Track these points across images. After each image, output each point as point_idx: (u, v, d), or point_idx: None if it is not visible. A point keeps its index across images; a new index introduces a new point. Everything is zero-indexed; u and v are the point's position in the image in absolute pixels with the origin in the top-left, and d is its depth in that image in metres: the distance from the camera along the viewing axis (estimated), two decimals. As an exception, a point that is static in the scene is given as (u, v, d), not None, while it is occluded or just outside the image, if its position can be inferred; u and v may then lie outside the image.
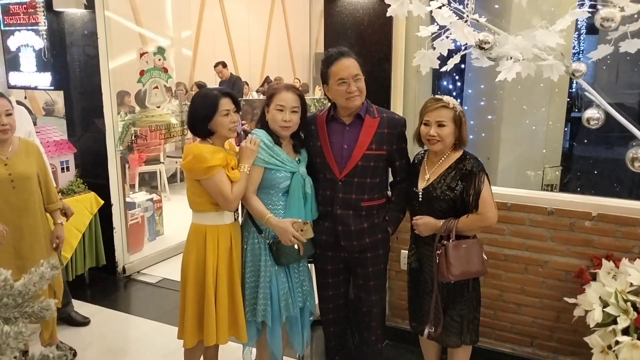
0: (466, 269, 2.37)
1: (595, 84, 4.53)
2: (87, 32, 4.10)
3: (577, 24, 4.83)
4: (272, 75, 11.42)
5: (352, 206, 2.54)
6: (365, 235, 2.57)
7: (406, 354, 3.24)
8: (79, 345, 3.18)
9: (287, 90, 2.48)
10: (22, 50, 4.31)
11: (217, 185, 2.40)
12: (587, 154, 4.60)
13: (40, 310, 0.77)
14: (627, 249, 2.66)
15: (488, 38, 2.29)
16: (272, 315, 2.55)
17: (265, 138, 2.47)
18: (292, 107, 2.44)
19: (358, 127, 2.52)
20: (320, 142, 2.56)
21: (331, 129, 2.56)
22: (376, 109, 2.56)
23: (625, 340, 2.20)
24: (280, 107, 2.43)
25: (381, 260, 2.67)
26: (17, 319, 0.74)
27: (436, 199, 2.40)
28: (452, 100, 2.37)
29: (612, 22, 2.14)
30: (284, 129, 2.46)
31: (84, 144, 4.29)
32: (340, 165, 2.51)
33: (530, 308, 2.95)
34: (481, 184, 2.33)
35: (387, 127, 2.52)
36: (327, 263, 2.70)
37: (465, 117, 2.41)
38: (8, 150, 2.79)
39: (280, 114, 2.44)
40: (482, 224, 2.40)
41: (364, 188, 2.53)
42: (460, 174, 2.36)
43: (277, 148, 2.48)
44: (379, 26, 3.10)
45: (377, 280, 2.68)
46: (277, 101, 2.44)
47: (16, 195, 2.78)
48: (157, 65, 4.39)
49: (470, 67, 3.89)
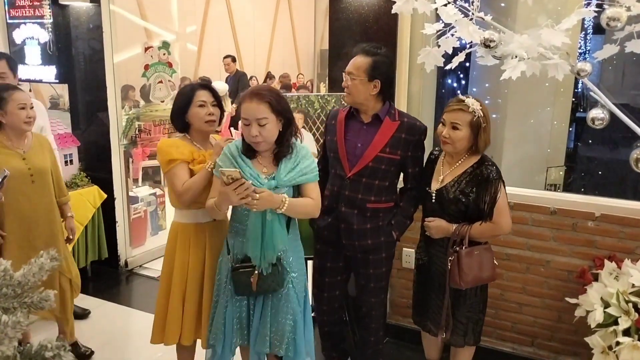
0: (478, 275, 2.34)
1: (601, 84, 4.51)
2: (92, 25, 4.10)
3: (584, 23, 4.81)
4: (277, 71, 11.41)
5: (358, 206, 2.51)
6: (368, 236, 2.53)
7: (407, 351, 3.24)
8: (79, 337, 3.20)
9: (250, 99, 2.10)
10: (28, 43, 4.31)
11: (170, 179, 2.38)
12: (591, 154, 4.58)
13: (39, 300, 0.78)
14: (630, 250, 2.65)
15: (493, 36, 2.27)
16: (223, 343, 2.31)
17: (234, 146, 2.22)
18: (258, 119, 2.08)
19: (376, 128, 2.48)
20: (337, 137, 2.53)
21: (349, 126, 2.54)
22: (398, 112, 2.52)
23: (626, 341, 2.20)
24: (245, 120, 2.10)
25: (383, 263, 2.62)
26: (16, 309, 0.75)
27: (448, 201, 2.35)
28: (474, 104, 2.28)
29: (618, 21, 2.12)
30: (255, 145, 2.14)
31: (87, 137, 4.30)
32: (351, 162, 2.49)
33: (532, 308, 2.95)
34: (497, 192, 2.28)
35: (405, 132, 2.47)
36: (327, 260, 2.67)
37: (488, 124, 2.31)
38: (25, 144, 2.79)
39: (247, 128, 2.11)
40: (495, 233, 2.36)
41: (371, 189, 2.50)
42: (476, 180, 2.30)
43: (244, 159, 2.18)
44: (384, 23, 3.09)
45: (377, 283, 2.64)
46: (243, 113, 2.11)
47: (35, 190, 2.78)
48: (161, 59, 4.39)
49: (475, 65, 3.88)
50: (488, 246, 2.40)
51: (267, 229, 2.12)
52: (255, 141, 2.11)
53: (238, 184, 1.95)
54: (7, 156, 2.70)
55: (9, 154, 2.71)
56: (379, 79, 2.40)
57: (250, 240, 2.15)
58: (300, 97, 3.21)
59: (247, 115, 2.08)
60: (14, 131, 2.72)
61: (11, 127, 2.70)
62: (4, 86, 2.78)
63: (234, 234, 2.25)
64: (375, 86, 2.41)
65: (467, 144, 2.32)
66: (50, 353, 0.70)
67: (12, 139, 2.73)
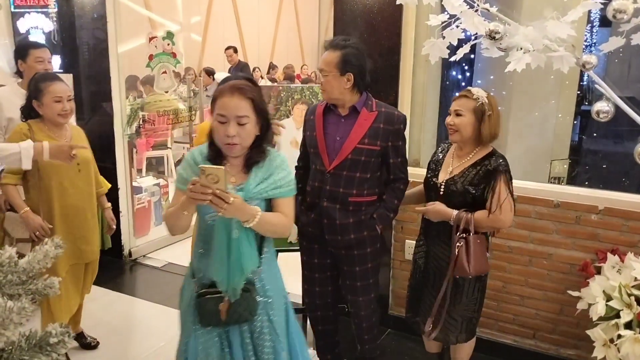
0: (483, 265, 2.32)
1: (607, 77, 4.49)
2: (96, 15, 4.10)
3: (590, 16, 4.77)
4: (281, 62, 11.39)
5: (340, 200, 2.47)
6: (350, 230, 2.49)
7: (408, 342, 3.25)
8: (83, 327, 3.22)
9: (231, 93, 1.82)
10: (32, 33, 4.31)
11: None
12: (595, 148, 4.57)
13: (44, 287, 0.79)
14: (632, 244, 2.65)
15: (498, 28, 2.27)
16: None
17: (198, 151, 1.92)
18: (238, 116, 1.80)
19: (353, 120, 2.45)
20: (316, 132, 2.51)
21: (328, 120, 2.52)
22: (375, 102, 2.49)
23: (627, 334, 2.20)
24: (221, 117, 1.81)
25: (368, 259, 2.56)
26: (21, 296, 0.76)
27: (455, 193, 2.33)
28: (478, 92, 2.28)
29: (625, 14, 2.12)
30: (229, 148, 1.83)
31: (92, 127, 4.30)
32: (330, 156, 2.46)
33: (534, 300, 2.95)
34: (500, 184, 2.25)
35: (383, 122, 2.44)
36: (314, 256, 2.64)
37: (494, 112, 2.28)
38: (66, 134, 2.78)
39: (222, 126, 1.82)
40: (494, 225, 2.31)
41: (352, 183, 2.46)
42: (484, 172, 2.28)
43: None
44: (389, 14, 3.07)
45: (364, 280, 2.58)
46: (219, 109, 1.82)
47: (82, 179, 2.78)
48: (166, 50, 4.39)
49: (479, 57, 3.86)
50: (483, 236, 2.36)
51: (233, 248, 1.82)
52: (231, 143, 1.81)
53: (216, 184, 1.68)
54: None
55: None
56: (350, 71, 2.36)
57: (215, 261, 1.85)
58: (304, 88, 3.21)
59: (226, 112, 1.80)
60: (52, 122, 2.71)
61: (47, 118, 2.69)
62: (43, 76, 2.76)
63: (199, 255, 1.95)
64: (348, 79, 2.37)
65: (473, 132, 2.30)
66: (54, 339, 0.71)
67: (53, 129, 2.72)
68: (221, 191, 1.67)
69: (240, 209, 1.75)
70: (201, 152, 1.91)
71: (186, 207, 1.78)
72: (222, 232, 1.82)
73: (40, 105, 2.66)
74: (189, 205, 1.77)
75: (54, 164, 2.61)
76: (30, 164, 2.46)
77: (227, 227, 1.81)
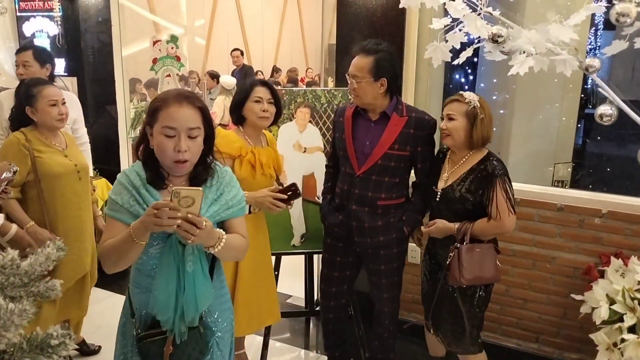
0: (479, 274, 2.26)
1: (611, 81, 4.48)
2: (101, 19, 4.12)
3: (595, 19, 4.76)
4: (285, 65, 11.41)
5: (368, 203, 2.48)
6: (379, 233, 2.51)
7: (412, 346, 3.24)
8: (86, 329, 3.22)
9: (179, 102, 1.59)
10: (37, 36, 4.35)
11: None
12: (599, 151, 4.55)
13: (45, 290, 0.79)
14: (636, 247, 2.64)
15: (501, 31, 2.26)
16: None
17: (134, 173, 1.63)
18: (190, 128, 1.59)
19: (383, 125, 2.44)
20: (345, 135, 2.51)
21: (358, 124, 2.51)
22: (406, 107, 2.47)
23: (631, 338, 2.19)
24: (169, 130, 1.57)
25: (394, 259, 2.59)
26: (22, 298, 0.76)
27: (454, 200, 2.31)
28: (470, 96, 2.27)
29: (628, 17, 2.11)
30: (179, 166, 1.60)
31: (96, 130, 4.32)
32: (360, 161, 2.46)
33: (537, 304, 2.95)
34: (500, 188, 2.21)
35: (414, 127, 2.43)
36: (337, 254, 2.66)
37: (485, 115, 2.26)
38: (61, 141, 2.69)
39: (170, 141, 1.57)
40: (497, 231, 2.28)
41: (381, 187, 2.47)
42: (482, 177, 2.25)
43: (150, 190, 1.62)
44: (392, 18, 3.08)
45: (389, 278, 2.61)
46: (165, 121, 1.57)
47: (81, 186, 2.70)
48: (169, 53, 4.41)
49: (483, 60, 3.86)
50: (491, 246, 2.32)
51: (187, 283, 1.59)
52: (181, 159, 1.57)
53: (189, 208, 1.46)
54: (53, 154, 2.60)
55: (54, 152, 2.62)
56: (385, 77, 2.35)
57: (161, 299, 1.58)
58: (307, 91, 3.21)
59: (175, 124, 1.56)
60: (48, 129, 2.61)
61: (43, 124, 2.59)
62: (33, 81, 2.66)
63: (139, 289, 1.69)
64: (382, 84, 2.36)
65: (465, 136, 2.27)
66: (55, 341, 0.71)
67: (48, 137, 2.62)
68: (193, 215, 1.46)
69: (210, 234, 1.55)
70: (138, 173, 1.63)
71: (141, 236, 1.49)
72: (171, 265, 1.58)
73: (35, 111, 2.56)
74: (145, 233, 1.49)
75: (55, 172, 2.56)
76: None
77: (177, 259, 1.58)
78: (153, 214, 1.43)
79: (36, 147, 2.54)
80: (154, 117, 1.59)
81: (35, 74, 3.08)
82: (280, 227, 3.00)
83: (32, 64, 3.15)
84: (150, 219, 1.44)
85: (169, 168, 1.62)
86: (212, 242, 1.58)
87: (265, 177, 2.50)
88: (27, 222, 2.54)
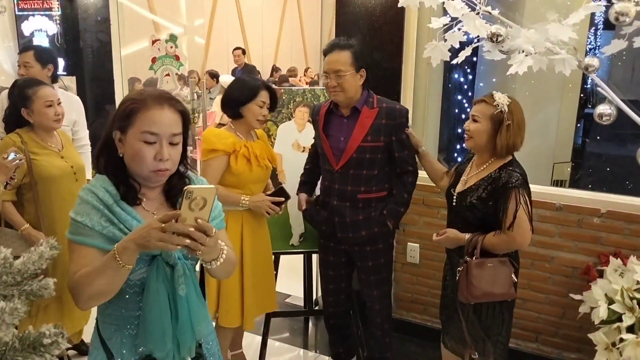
0: (489, 290, 2.08)
1: (610, 80, 4.47)
2: (100, 18, 4.12)
3: (595, 19, 4.76)
4: (285, 64, 11.40)
5: (349, 198, 2.53)
6: (361, 227, 2.54)
7: (411, 346, 3.24)
8: (87, 329, 3.22)
9: (160, 105, 1.38)
10: (36, 35, 4.34)
11: (204, 168, 2.47)
12: (598, 151, 4.55)
13: (38, 289, 0.79)
14: (635, 247, 2.64)
15: (500, 31, 2.26)
16: None
17: (101, 190, 1.38)
18: (174, 134, 1.39)
19: (356, 119, 2.49)
20: (320, 133, 2.58)
21: (331, 120, 2.57)
22: (377, 99, 2.52)
23: (629, 337, 2.19)
24: (150, 135, 1.36)
25: (381, 254, 2.63)
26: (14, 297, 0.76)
27: (465, 207, 2.18)
28: (500, 98, 2.11)
29: (627, 16, 2.11)
30: (158, 175, 1.40)
31: (95, 130, 4.31)
32: (336, 157, 2.51)
33: (536, 303, 2.94)
34: (515, 200, 2.05)
35: (385, 117, 2.48)
36: (329, 254, 2.72)
37: (513, 122, 2.10)
38: (57, 142, 2.65)
39: (150, 148, 1.36)
40: (508, 247, 2.11)
41: (360, 180, 2.51)
42: (495, 186, 2.09)
43: (124, 208, 1.39)
44: (391, 17, 3.07)
45: (378, 275, 2.65)
46: (145, 125, 1.36)
47: (78, 187, 2.56)
48: (168, 52, 4.41)
49: (482, 60, 3.86)
50: (505, 260, 2.14)
51: (180, 308, 1.39)
52: (162, 168, 1.38)
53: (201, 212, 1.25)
54: (49, 156, 2.57)
55: (49, 154, 2.58)
56: (363, 67, 2.45)
57: (153, 333, 1.37)
58: (306, 90, 3.21)
59: (158, 129, 1.36)
60: (44, 130, 2.58)
61: (40, 126, 2.56)
62: (28, 82, 2.62)
63: (115, 326, 1.43)
64: (361, 76, 2.45)
65: (488, 140, 2.14)
66: (48, 340, 0.71)
67: (45, 138, 2.59)
68: (203, 221, 1.25)
69: (217, 244, 1.35)
70: (106, 189, 1.38)
71: (130, 258, 1.27)
72: (160, 292, 1.36)
73: (31, 113, 2.53)
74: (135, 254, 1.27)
75: (51, 175, 2.53)
76: None
77: (166, 283, 1.37)
78: (158, 228, 1.21)
79: (32, 149, 2.51)
80: (129, 120, 1.37)
81: (36, 75, 3.05)
82: (279, 227, 3.01)
83: (33, 64, 3.12)
84: (153, 234, 1.22)
85: (146, 178, 1.41)
86: (214, 255, 1.38)
87: (261, 168, 2.54)
88: (22, 224, 2.52)
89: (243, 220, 2.56)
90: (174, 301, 1.38)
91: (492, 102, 2.12)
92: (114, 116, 1.42)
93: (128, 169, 1.41)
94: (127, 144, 1.38)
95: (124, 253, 1.25)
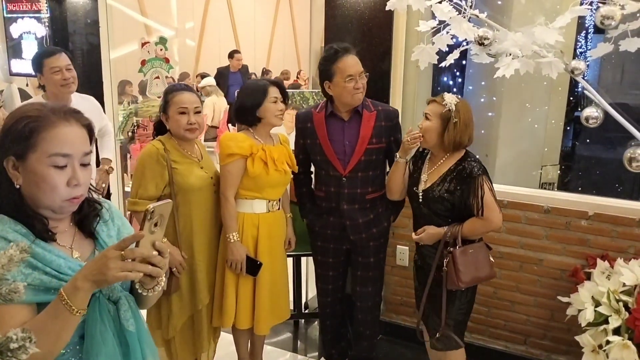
0: (475, 274, 2.27)
1: (600, 84, 4.50)
2: (89, 20, 4.10)
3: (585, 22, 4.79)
4: (277, 67, 11.39)
5: (358, 200, 2.57)
6: (372, 226, 2.61)
7: (400, 348, 3.24)
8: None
9: (67, 120, 1.19)
10: (25, 38, 4.30)
11: (224, 175, 2.47)
12: (586, 153, 4.57)
13: (7, 292, 0.77)
14: (622, 249, 2.65)
15: (487, 34, 2.27)
16: None
17: (10, 233, 1.14)
18: (86, 153, 1.22)
19: (357, 123, 2.53)
20: (320, 140, 2.55)
21: (330, 126, 2.56)
22: (371, 102, 2.58)
23: (616, 340, 2.20)
24: (61, 158, 1.16)
25: (381, 249, 2.71)
26: (-19, 301, 0.74)
27: (435, 201, 2.32)
28: (448, 98, 2.28)
29: (612, 20, 2.12)
30: (72, 203, 1.21)
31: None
32: (343, 162, 2.52)
33: (525, 306, 2.95)
34: (482, 187, 2.22)
35: (383, 119, 2.55)
36: (329, 255, 2.73)
37: (460, 120, 2.25)
38: (198, 152, 2.48)
39: (62, 173, 1.17)
40: (486, 229, 2.30)
41: (367, 181, 2.56)
42: (460, 177, 2.26)
43: (43, 246, 1.17)
44: (380, 20, 3.08)
45: (376, 270, 2.71)
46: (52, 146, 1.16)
47: (217, 199, 2.49)
48: (158, 55, 4.38)
49: (471, 63, 3.87)
50: (482, 244, 2.35)
51: (131, 343, 1.25)
52: (77, 195, 1.19)
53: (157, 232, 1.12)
54: (190, 165, 2.41)
55: (190, 163, 2.42)
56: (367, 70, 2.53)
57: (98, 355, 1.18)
58: (294, 93, 3.21)
59: (69, 149, 1.17)
60: (178, 138, 2.40)
61: (176, 133, 2.39)
62: (171, 87, 2.47)
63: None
64: (366, 77, 2.52)
65: (437, 138, 2.29)
66: (15, 344, 0.69)
67: (185, 147, 2.43)
68: (160, 243, 1.13)
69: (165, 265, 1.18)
70: (14, 230, 1.14)
71: (82, 301, 1.08)
72: (106, 332, 1.19)
73: (168, 117, 2.39)
74: (88, 295, 1.09)
75: (191, 185, 2.38)
76: None
77: (110, 322, 1.21)
78: (117, 257, 1.06)
79: (173, 158, 2.36)
80: (28, 142, 1.13)
81: (75, 78, 3.02)
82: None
83: (72, 66, 3.04)
84: (111, 265, 1.05)
85: (58, 208, 1.19)
86: (158, 280, 1.23)
87: (279, 172, 2.53)
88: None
89: (260, 223, 2.55)
90: (124, 341, 1.23)
91: (441, 101, 2.28)
92: (0, 141, 1.16)
93: (28, 201, 1.17)
94: (27, 172, 1.15)
95: (75, 296, 1.05)
